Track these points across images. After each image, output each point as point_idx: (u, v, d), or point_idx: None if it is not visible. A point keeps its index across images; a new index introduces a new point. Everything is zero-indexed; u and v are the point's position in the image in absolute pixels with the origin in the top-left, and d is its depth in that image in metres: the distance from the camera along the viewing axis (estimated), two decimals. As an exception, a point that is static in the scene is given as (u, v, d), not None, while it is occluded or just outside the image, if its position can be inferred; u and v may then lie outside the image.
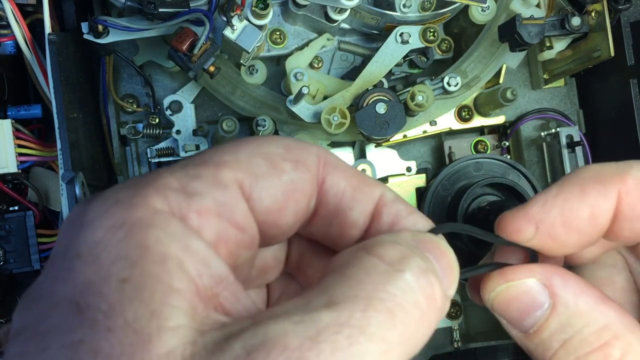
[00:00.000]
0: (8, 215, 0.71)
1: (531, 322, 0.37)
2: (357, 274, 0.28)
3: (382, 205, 0.36)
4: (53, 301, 0.27)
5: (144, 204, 0.28)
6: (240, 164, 0.32)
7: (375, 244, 0.30)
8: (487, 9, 0.72)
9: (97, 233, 0.28)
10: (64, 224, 0.31)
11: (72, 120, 0.62)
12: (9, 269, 0.70)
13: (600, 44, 0.67)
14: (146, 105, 0.75)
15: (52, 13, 0.64)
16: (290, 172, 0.33)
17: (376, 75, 0.69)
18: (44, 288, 0.28)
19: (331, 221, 0.36)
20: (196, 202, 0.29)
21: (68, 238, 0.29)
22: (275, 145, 0.33)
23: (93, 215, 0.29)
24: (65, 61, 0.62)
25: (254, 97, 0.71)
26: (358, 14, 0.69)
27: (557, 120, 0.78)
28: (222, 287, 0.28)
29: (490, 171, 0.73)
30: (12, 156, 0.66)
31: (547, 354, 0.36)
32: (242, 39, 0.61)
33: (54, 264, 0.29)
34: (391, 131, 0.65)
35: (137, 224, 0.28)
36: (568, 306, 0.36)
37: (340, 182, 0.35)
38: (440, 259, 0.32)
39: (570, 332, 0.35)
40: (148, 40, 0.70)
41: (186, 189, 0.30)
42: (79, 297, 0.26)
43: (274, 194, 0.32)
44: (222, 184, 0.31)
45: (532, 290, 0.37)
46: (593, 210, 0.36)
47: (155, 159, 0.73)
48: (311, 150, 0.34)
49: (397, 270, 0.28)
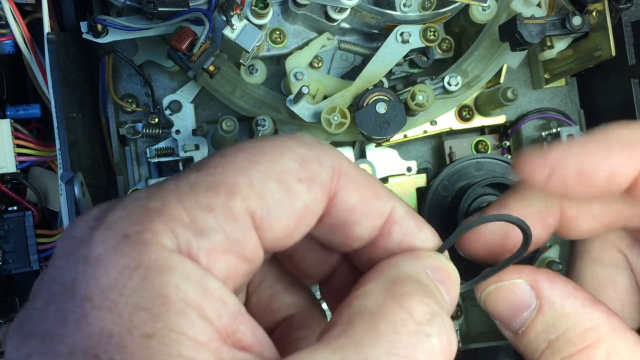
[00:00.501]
0: (7, 215, 0.71)
1: (520, 322, 0.37)
2: (389, 333, 0.29)
3: (392, 222, 0.36)
4: (66, 348, 0.26)
5: (156, 243, 0.27)
6: (253, 189, 0.31)
7: (402, 293, 0.31)
8: (487, 8, 0.71)
9: (110, 274, 0.27)
10: (61, 248, 0.29)
11: (71, 120, 0.61)
12: (8, 269, 0.70)
13: (601, 43, 0.67)
14: (145, 105, 0.75)
15: (51, 12, 0.64)
16: (303, 195, 0.32)
17: (376, 74, 0.69)
18: (48, 326, 0.27)
19: (335, 231, 0.36)
20: (207, 240, 0.29)
21: (70, 270, 0.28)
22: (291, 158, 0.32)
23: (101, 251, 0.27)
24: (65, 61, 0.62)
25: (253, 97, 0.71)
26: (358, 13, 0.69)
27: (558, 120, 0.77)
28: (239, 322, 0.28)
29: (491, 171, 0.72)
30: (11, 156, 0.65)
31: (534, 354, 0.37)
32: (241, 38, 0.61)
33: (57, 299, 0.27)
34: (391, 131, 0.64)
35: (153, 268, 0.27)
36: (554, 307, 0.36)
37: (352, 197, 0.35)
38: (451, 290, 0.34)
39: (556, 333, 0.36)
40: (147, 40, 0.70)
41: (196, 223, 0.29)
42: (99, 350, 0.26)
43: (285, 224, 0.32)
44: (233, 216, 0.30)
45: (520, 290, 0.37)
46: (613, 172, 0.36)
47: (155, 158, 0.73)
48: (327, 163, 0.33)
49: (425, 334, 0.30)
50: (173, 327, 0.26)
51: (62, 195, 0.60)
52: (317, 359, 0.28)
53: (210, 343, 0.27)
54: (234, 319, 0.28)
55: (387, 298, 0.31)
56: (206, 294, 0.27)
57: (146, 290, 0.26)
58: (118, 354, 0.25)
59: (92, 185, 0.64)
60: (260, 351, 0.29)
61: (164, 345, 0.26)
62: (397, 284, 0.32)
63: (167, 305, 0.26)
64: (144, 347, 0.25)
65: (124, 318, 0.26)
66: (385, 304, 0.31)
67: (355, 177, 0.35)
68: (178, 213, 0.29)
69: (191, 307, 0.27)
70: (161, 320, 0.26)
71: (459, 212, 0.68)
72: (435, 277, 0.34)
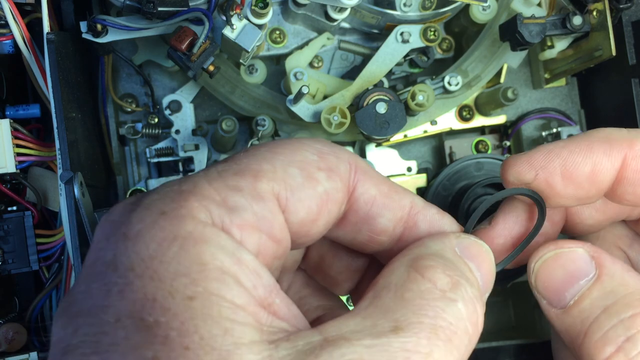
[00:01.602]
0: (6, 215, 0.71)
1: (574, 291, 0.37)
2: (415, 299, 0.31)
3: (415, 212, 0.37)
4: (112, 316, 0.27)
5: (191, 217, 0.29)
6: (277, 174, 0.32)
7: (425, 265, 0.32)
8: (488, 8, 0.71)
9: (149, 246, 0.28)
10: (100, 233, 0.30)
11: (71, 120, 0.61)
12: (7, 269, 0.70)
13: (601, 43, 0.67)
14: (145, 105, 0.75)
15: (50, 12, 0.64)
16: (324, 182, 0.34)
17: (376, 74, 0.69)
18: (93, 301, 0.28)
19: (360, 227, 0.37)
20: (238, 216, 0.30)
21: (111, 249, 0.29)
22: (309, 151, 0.34)
23: (140, 227, 0.29)
24: (64, 60, 0.62)
25: (253, 97, 0.71)
26: (358, 13, 0.69)
27: (559, 119, 0.77)
28: (274, 295, 0.29)
29: (491, 171, 0.72)
30: (10, 156, 0.65)
31: (585, 323, 0.36)
32: (241, 38, 0.61)
33: (100, 276, 0.28)
34: (391, 131, 0.64)
35: (190, 239, 0.28)
36: (614, 277, 0.37)
37: (371, 189, 0.36)
38: (482, 266, 0.35)
39: (614, 299, 0.36)
40: (147, 40, 0.70)
41: (227, 202, 0.30)
42: (144, 313, 0.26)
43: (308, 206, 0.33)
44: (261, 196, 0.31)
45: (580, 258, 0.37)
46: (595, 167, 0.37)
47: (155, 158, 0.73)
48: (343, 157, 0.35)
49: (450, 299, 0.31)
50: (212, 291, 0.27)
51: (61, 195, 0.60)
52: (349, 325, 0.29)
53: (248, 307, 0.28)
54: (269, 292, 0.29)
55: (410, 271, 0.32)
56: (241, 264, 0.29)
57: (185, 258, 0.28)
58: (162, 316, 0.26)
59: (92, 185, 0.64)
60: (295, 324, 0.30)
61: (204, 307, 0.27)
62: (420, 260, 0.33)
63: (205, 272, 0.27)
64: (186, 309, 0.26)
65: (165, 283, 0.27)
66: (410, 276, 0.32)
67: (372, 173, 0.36)
68: (210, 193, 0.30)
69: (228, 274, 0.28)
70: (200, 284, 0.27)
71: (459, 212, 0.68)
72: (464, 254, 0.35)
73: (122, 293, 0.27)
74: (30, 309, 0.71)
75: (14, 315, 0.70)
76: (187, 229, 0.28)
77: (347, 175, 0.35)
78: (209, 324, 0.26)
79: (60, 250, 0.71)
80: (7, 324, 0.68)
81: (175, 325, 0.26)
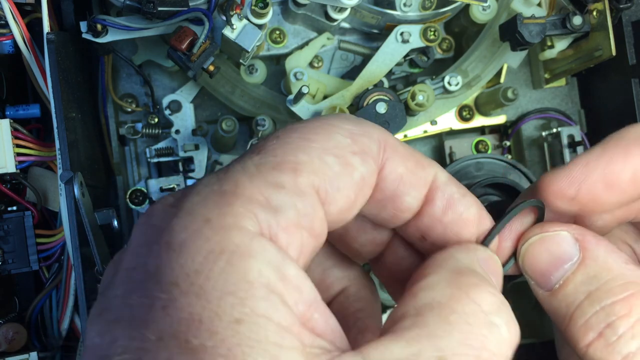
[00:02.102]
0: (6, 215, 0.71)
1: (558, 275, 0.37)
2: (460, 323, 0.30)
3: (435, 188, 0.37)
4: (154, 333, 0.26)
5: (238, 227, 0.28)
6: (314, 165, 0.31)
7: (469, 284, 0.32)
8: (488, 8, 0.71)
9: (195, 259, 0.27)
10: (141, 237, 0.29)
11: (71, 120, 0.61)
12: (7, 269, 0.70)
13: (601, 43, 0.67)
14: (145, 105, 0.74)
15: (50, 12, 0.64)
16: (359, 167, 0.33)
17: (376, 74, 0.69)
18: (133, 313, 0.27)
19: (385, 204, 0.36)
20: (283, 218, 0.29)
21: (154, 258, 0.27)
22: (341, 134, 0.33)
23: (184, 236, 0.27)
24: (64, 60, 0.62)
25: (253, 97, 0.71)
26: (358, 13, 0.69)
27: (559, 119, 0.77)
28: (313, 310, 0.29)
29: (491, 171, 0.72)
30: (10, 156, 0.65)
31: (570, 307, 0.36)
32: (241, 38, 0.61)
33: (140, 286, 0.27)
34: (391, 131, 0.64)
35: (236, 253, 0.27)
36: (597, 260, 0.36)
37: (399, 167, 0.35)
38: (499, 281, 0.35)
39: (596, 284, 0.36)
40: (147, 40, 0.70)
41: (271, 202, 0.29)
42: (189, 335, 0.25)
43: (347, 195, 0.33)
44: (302, 192, 0.30)
45: (564, 242, 0.37)
46: (636, 171, 0.36)
47: (155, 158, 0.73)
48: (373, 135, 0.34)
49: (495, 325, 0.31)
50: (260, 312, 0.26)
51: (61, 195, 0.60)
52: (394, 351, 0.28)
53: (293, 328, 0.27)
54: (308, 307, 0.28)
55: (453, 289, 0.32)
56: (285, 281, 0.28)
57: (232, 275, 0.26)
58: (209, 340, 0.25)
59: (92, 185, 0.64)
60: (332, 339, 0.29)
61: (252, 331, 0.26)
62: (460, 275, 0.33)
63: (252, 290, 0.26)
64: (234, 333, 0.25)
65: (212, 303, 0.26)
66: (454, 294, 0.31)
67: (400, 149, 0.36)
68: (253, 193, 0.29)
69: (274, 293, 0.27)
70: (248, 305, 0.26)
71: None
72: (487, 268, 0.35)
73: (166, 310, 0.26)
74: (30, 309, 0.71)
75: (14, 315, 0.70)
76: (235, 241, 0.27)
77: (378, 155, 0.34)
78: (256, 351, 0.25)
79: (60, 250, 0.71)
80: (7, 324, 0.68)
81: (222, 352, 0.25)
